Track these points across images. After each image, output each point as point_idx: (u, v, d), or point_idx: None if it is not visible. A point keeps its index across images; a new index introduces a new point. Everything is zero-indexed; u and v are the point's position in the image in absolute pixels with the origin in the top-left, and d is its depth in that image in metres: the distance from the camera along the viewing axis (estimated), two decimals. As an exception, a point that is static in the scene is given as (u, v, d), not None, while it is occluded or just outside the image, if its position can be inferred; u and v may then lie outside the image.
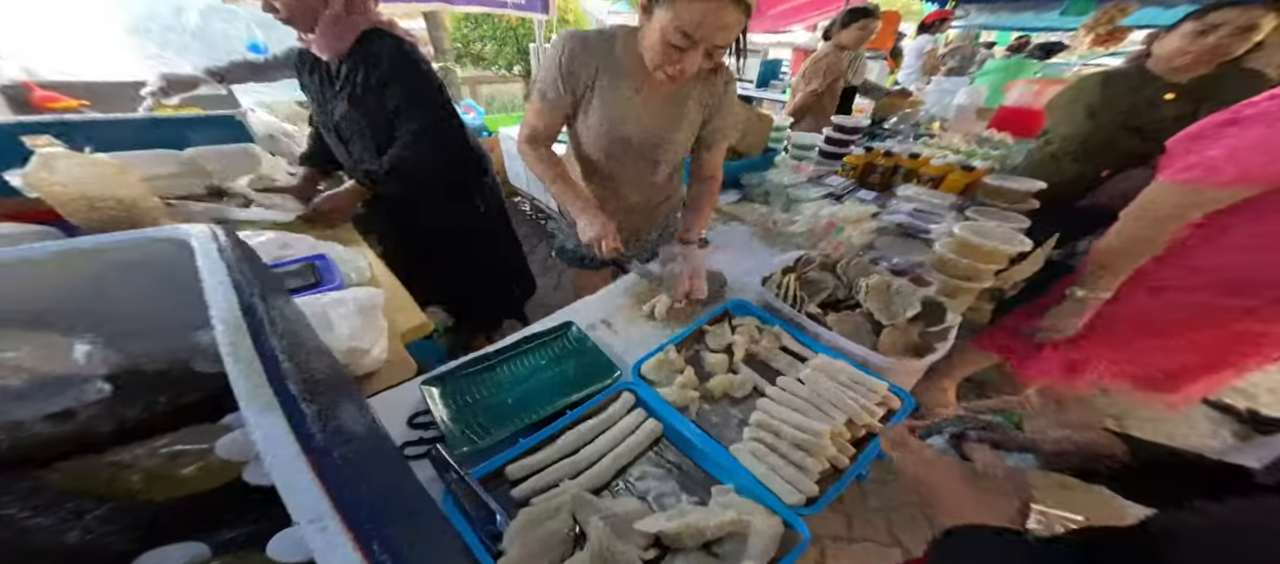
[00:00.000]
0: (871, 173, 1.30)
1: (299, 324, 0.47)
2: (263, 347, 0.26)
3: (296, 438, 0.21)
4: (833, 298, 0.78)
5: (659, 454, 0.58)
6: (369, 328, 0.67)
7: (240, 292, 0.29)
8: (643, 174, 0.90)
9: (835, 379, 0.62)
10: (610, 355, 0.72)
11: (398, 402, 0.65)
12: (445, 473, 0.50)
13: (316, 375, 0.33)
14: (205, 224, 0.38)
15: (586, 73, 0.77)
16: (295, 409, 0.23)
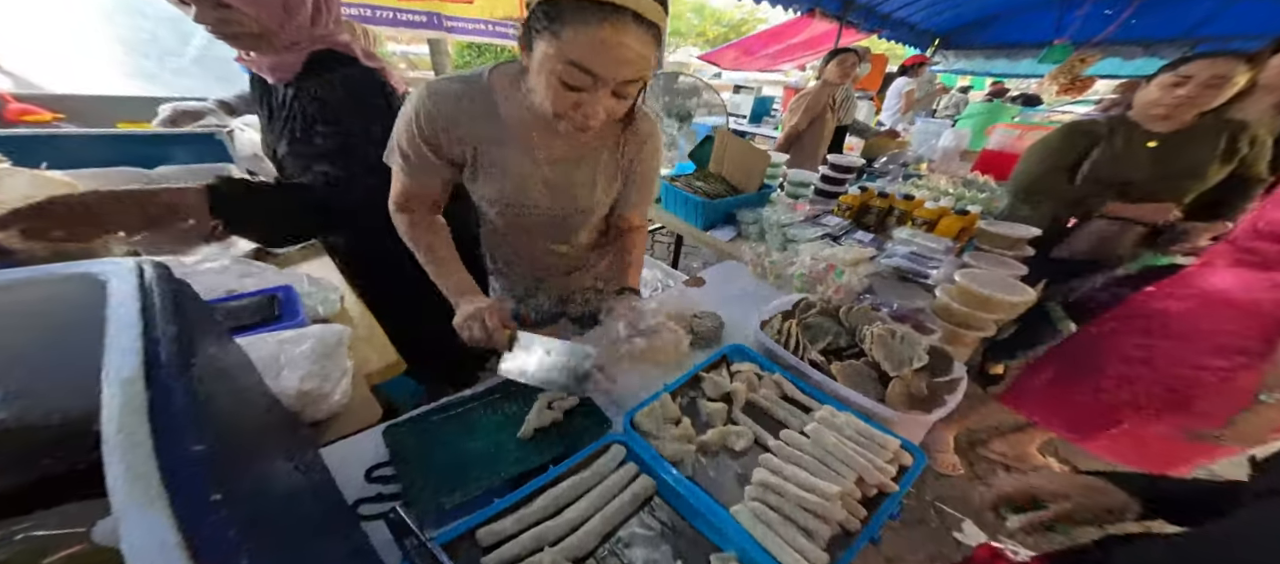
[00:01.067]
0: (867, 213, 1.33)
1: (237, 373, 0.42)
2: (161, 416, 0.21)
3: (183, 540, 0.17)
4: (835, 345, 0.76)
5: (651, 514, 0.54)
6: (330, 369, 0.62)
7: (151, 345, 0.25)
8: (558, 244, 0.83)
9: (842, 433, 0.59)
10: (602, 403, 0.69)
11: (358, 450, 0.60)
12: (404, 538, 0.44)
13: (243, 439, 0.29)
14: (134, 258, 0.34)
15: (458, 134, 0.64)
16: (193, 503, 0.19)
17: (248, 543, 0.19)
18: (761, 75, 6.52)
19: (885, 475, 0.53)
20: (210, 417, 0.25)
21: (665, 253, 2.84)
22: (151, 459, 0.19)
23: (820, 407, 0.65)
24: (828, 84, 1.99)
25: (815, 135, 2.04)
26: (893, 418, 0.63)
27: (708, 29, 12.44)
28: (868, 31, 5.41)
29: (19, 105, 1.40)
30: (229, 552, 0.18)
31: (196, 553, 0.17)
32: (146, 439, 0.20)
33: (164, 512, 0.17)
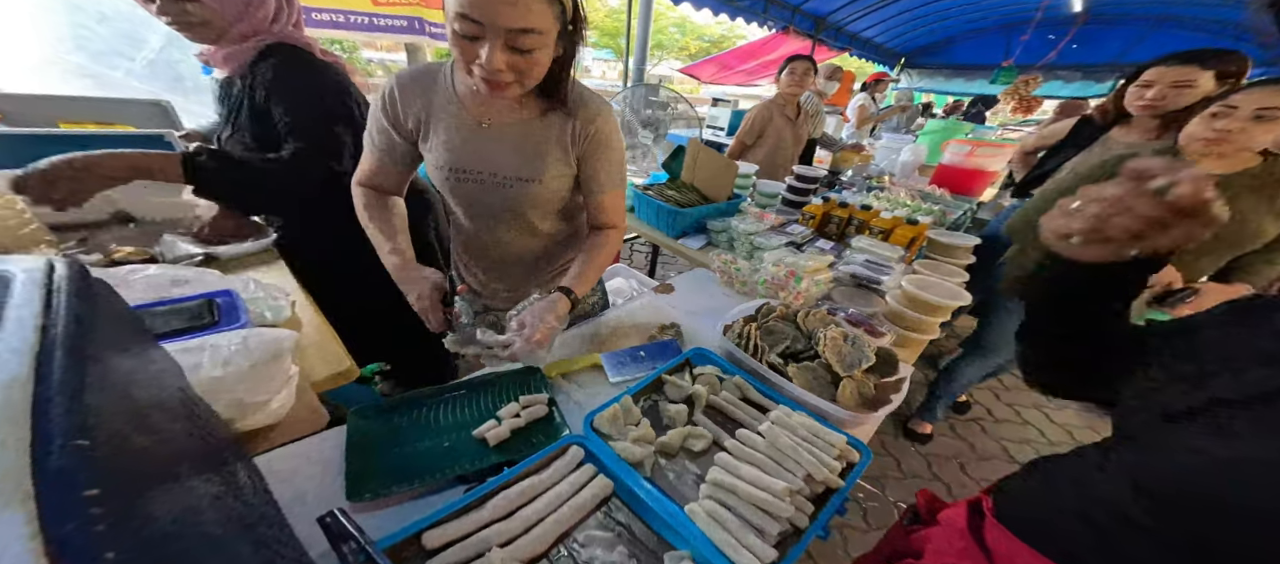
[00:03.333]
0: (828, 223, 1.42)
1: (153, 378, 0.41)
2: (46, 417, 0.21)
3: (46, 539, 0.16)
4: (793, 349, 0.81)
5: (608, 515, 0.56)
6: (269, 375, 0.61)
7: (46, 346, 0.25)
8: (513, 224, 0.83)
9: (794, 433, 0.63)
10: (564, 406, 0.71)
11: (300, 459, 0.59)
12: (342, 545, 0.43)
13: (146, 446, 0.28)
14: (46, 256, 0.33)
15: (413, 108, 0.72)
16: (65, 500, 0.18)
17: (121, 540, 0.18)
18: (739, 90, 6.80)
19: (832, 472, 0.58)
20: (106, 417, 0.24)
21: (644, 262, 2.89)
22: (25, 458, 0.19)
23: (776, 407, 0.69)
24: (780, 95, 2.07)
25: (774, 148, 2.10)
26: (844, 417, 0.67)
27: (689, 43, 12.91)
28: (839, 49, 5.79)
29: None
30: (88, 550, 0.17)
31: (54, 552, 0.16)
32: (25, 438, 0.19)
33: (23, 515, 0.17)
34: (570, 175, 0.78)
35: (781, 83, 2.02)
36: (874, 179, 2.22)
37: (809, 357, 0.79)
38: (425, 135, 0.74)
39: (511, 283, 0.93)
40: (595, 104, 0.73)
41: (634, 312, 1.02)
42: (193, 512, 0.28)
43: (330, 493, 0.55)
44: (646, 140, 2.12)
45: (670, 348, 0.89)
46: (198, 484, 0.33)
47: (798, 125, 2.15)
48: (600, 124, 0.74)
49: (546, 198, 0.79)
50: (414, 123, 0.74)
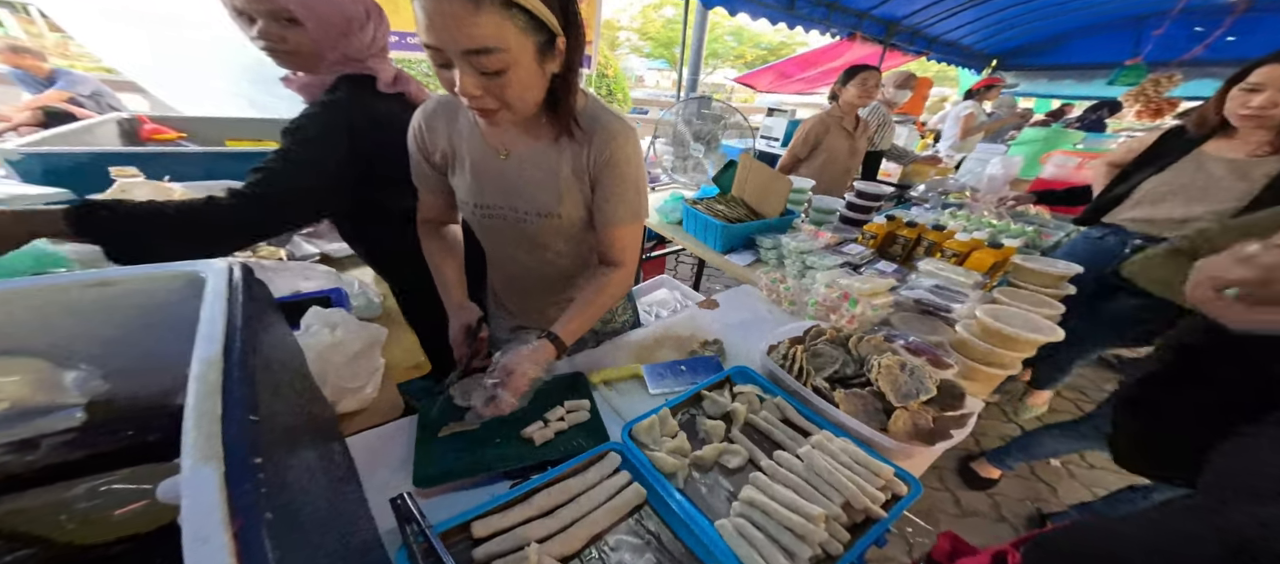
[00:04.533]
0: (892, 243, 1.35)
1: (289, 361, 0.50)
2: (231, 392, 0.26)
3: (228, 495, 0.21)
4: (841, 374, 0.79)
5: (639, 522, 0.59)
6: (363, 366, 0.73)
7: (230, 333, 0.31)
8: (536, 254, 0.81)
9: (835, 458, 0.62)
10: (604, 413, 0.75)
11: (378, 442, 0.69)
12: (406, 525, 0.50)
13: (285, 422, 0.34)
14: (227, 259, 0.43)
15: (439, 141, 0.73)
16: (240, 464, 0.22)
17: (273, 502, 0.23)
18: (797, 98, 6.65)
19: (874, 502, 0.56)
20: (265, 396, 0.30)
21: (689, 274, 2.91)
22: (217, 426, 0.24)
23: (818, 432, 0.68)
24: (841, 106, 1.98)
25: (830, 162, 2.01)
26: (893, 448, 0.65)
27: (745, 52, 12.85)
28: (913, 54, 5.44)
29: (152, 125, 1.74)
30: (255, 509, 0.21)
31: (233, 507, 0.20)
32: (217, 409, 0.25)
33: (217, 470, 0.21)
34: (586, 206, 0.75)
35: (846, 93, 1.94)
36: (954, 195, 2.05)
37: (859, 383, 0.77)
38: (453, 168, 0.75)
39: (541, 304, 0.92)
40: (611, 129, 0.68)
41: (676, 325, 1.05)
42: (310, 479, 0.35)
43: (398, 476, 0.62)
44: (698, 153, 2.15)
45: (711, 364, 0.91)
46: (313, 457, 0.40)
47: (856, 138, 2.05)
48: (614, 151, 0.68)
49: (566, 230, 0.77)
50: (441, 156, 0.75)
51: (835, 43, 4.84)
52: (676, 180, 2.31)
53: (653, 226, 1.82)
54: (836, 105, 2.00)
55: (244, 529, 0.20)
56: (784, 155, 2.08)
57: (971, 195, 2.04)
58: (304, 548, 0.25)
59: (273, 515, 0.22)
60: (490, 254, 0.89)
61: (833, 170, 2.02)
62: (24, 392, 0.37)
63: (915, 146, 3.58)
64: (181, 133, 1.75)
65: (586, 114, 0.69)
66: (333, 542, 0.34)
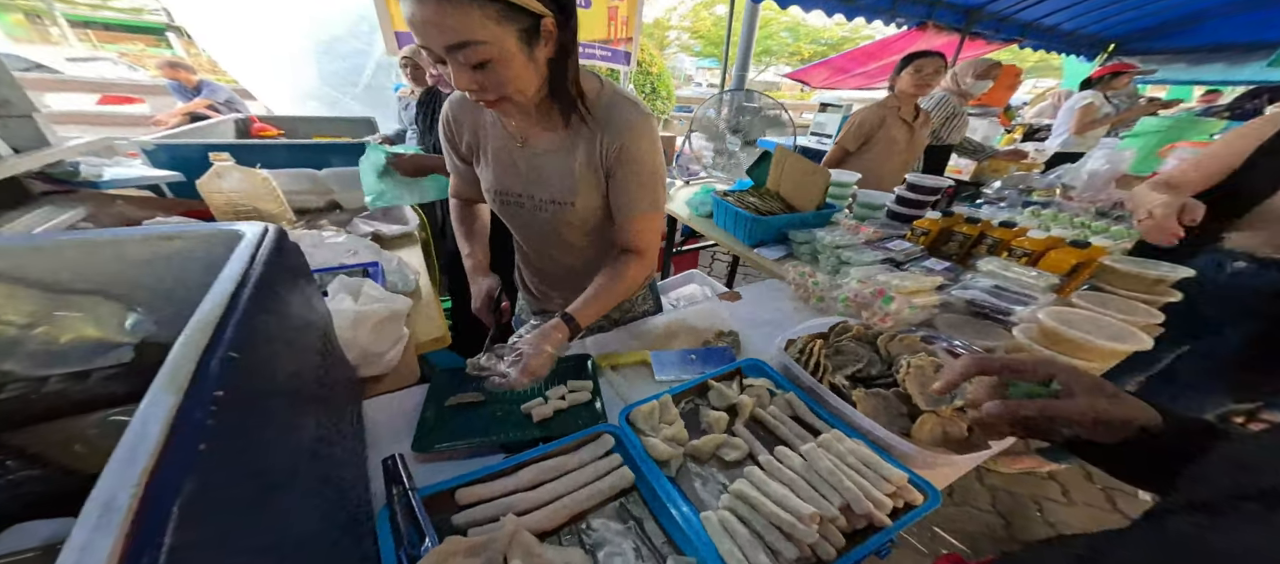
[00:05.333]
0: (947, 240, 1.21)
1: (314, 322, 0.55)
2: (221, 332, 0.28)
3: (173, 425, 0.21)
4: (865, 373, 0.72)
5: (623, 507, 0.58)
6: (387, 334, 0.79)
7: (241, 285, 0.34)
8: (555, 243, 0.84)
9: (841, 459, 0.56)
10: (608, 396, 0.75)
11: (393, 405, 0.73)
12: (393, 486, 0.52)
13: (289, 372, 0.36)
14: (265, 223, 0.48)
15: (464, 131, 0.77)
16: (200, 396, 0.23)
17: (219, 433, 0.23)
18: (854, 94, 6.27)
19: (879, 508, 0.50)
20: (259, 339, 0.32)
21: (723, 271, 2.83)
22: (193, 363, 0.25)
23: (830, 431, 0.62)
24: (897, 95, 1.82)
25: (884, 155, 1.86)
26: (912, 454, 0.57)
27: (802, 48, 12.31)
28: (1001, 43, 4.90)
29: (259, 124, 2.18)
30: (198, 434, 0.22)
31: (176, 426, 0.21)
32: (202, 344, 0.26)
33: (175, 396, 0.22)
34: (602, 196, 0.75)
35: (900, 82, 1.80)
36: (1039, 193, 1.81)
37: (884, 384, 0.69)
38: (477, 157, 0.80)
39: (564, 292, 0.95)
40: (626, 116, 0.68)
41: (690, 315, 1.03)
42: (298, 428, 0.37)
43: (403, 440, 0.65)
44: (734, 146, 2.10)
45: (723, 355, 0.87)
46: (315, 409, 0.43)
47: (916, 130, 1.89)
48: (629, 139, 0.68)
49: (581, 220, 0.77)
50: (467, 146, 0.79)
51: (903, 33, 4.49)
52: (714, 175, 2.27)
53: (682, 220, 1.80)
54: (893, 95, 1.86)
55: (165, 463, 0.20)
56: (832, 148, 1.96)
57: (1063, 193, 1.78)
58: (251, 486, 0.26)
59: (207, 447, 0.22)
60: (516, 240, 0.94)
61: (888, 164, 1.87)
62: (92, 329, 0.42)
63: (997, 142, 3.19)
64: (280, 130, 2.16)
65: (601, 102, 0.68)
66: (308, 488, 0.35)
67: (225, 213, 1.16)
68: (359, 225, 1.35)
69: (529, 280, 1.02)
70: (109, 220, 1.07)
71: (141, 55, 5.45)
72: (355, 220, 1.39)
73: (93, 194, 1.10)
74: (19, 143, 1.04)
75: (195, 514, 0.19)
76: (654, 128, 0.71)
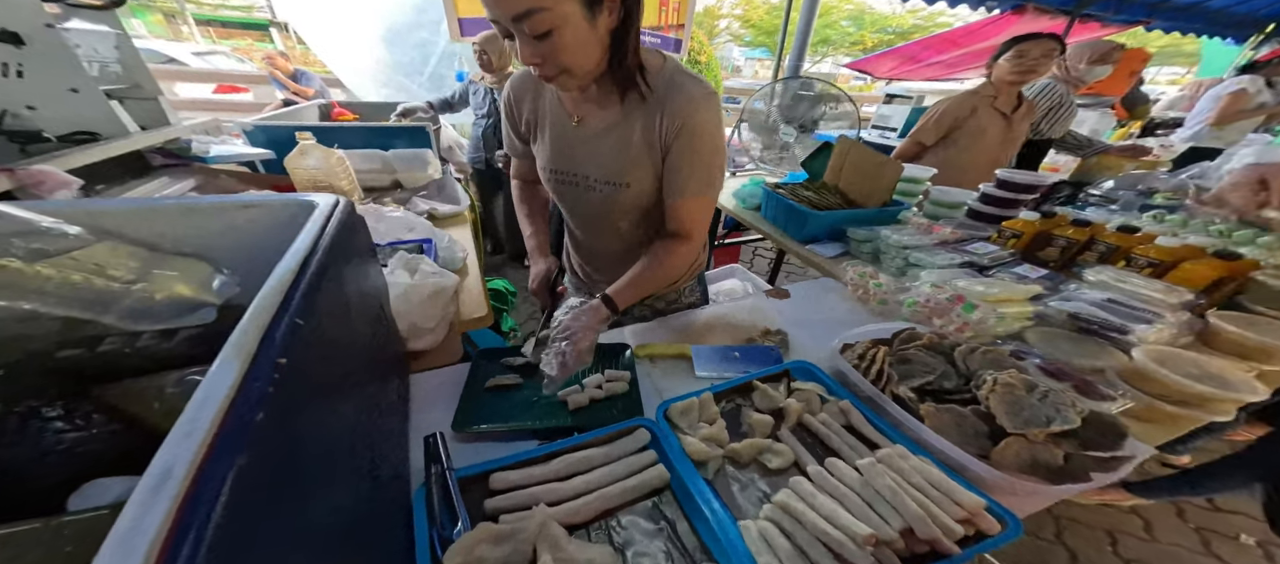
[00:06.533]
0: (1046, 244, 1.05)
1: (371, 294, 0.56)
2: (290, 299, 0.29)
3: (236, 395, 0.21)
4: (936, 385, 0.64)
5: (656, 506, 0.55)
6: (435, 309, 0.81)
7: (310, 254, 0.35)
8: (603, 227, 0.84)
9: (904, 477, 0.50)
10: (644, 389, 0.73)
11: (435, 382, 0.75)
12: (432, 465, 0.52)
13: (346, 343, 0.37)
14: (337, 196, 0.50)
15: (525, 110, 0.78)
16: (262, 371, 0.23)
17: (278, 402, 0.24)
18: (927, 85, 5.71)
19: (948, 534, 0.43)
20: (323, 307, 0.33)
21: (765, 268, 2.70)
22: (262, 328, 0.26)
23: (891, 446, 0.56)
24: (995, 83, 1.61)
25: (972, 148, 1.65)
26: (991, 479, 0.50)
27: (866, 37, 11.39)
28: (1121, 25, 4.21)
29: (339, 109, 2.42)
30: (257, 404, 0.22)
31: (237, 396, 0.22)
32: (272, 309, 0.27)
33: (240, 365, 0.23)
34: (656, 178, 0.73)
35: (998, 68, 1.59)
36: (1163, 194, 1.53)
37: (959, 399, 0.61)
38: (534, 136, 0.80)
39: (610, 275, 0.95)
40: (689, 93, 0.65)
41: (734, 311, 0.98)
42: (350, 399, 0.38)
43: (444, 418, 0.66)
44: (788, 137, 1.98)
45: (769, 355, 0.82)
46: (366, 381, 0.45)
47: (1014, 122, 1.66)
48: (690, 116, 0.65)
49: (633, 202, 0.76)
50: (526, 125, 0.80)
51: (994, 17, 4.01)
52: (762, 167, 2.16)
53: (727, 211, 1.73)
54: (989, 83, 1.64)
55: (223, 433, 0.20)
56: (905, 140, 1.78)
57: (1196, 196, 1.50)
58: (304, 457, 0.26)
59: (264, 417, 0.22)
60: (566, 220, 0.94)
61: (973, 159, 1.66)
62: (184, 287, 0.44)
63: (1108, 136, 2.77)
64: (357, 114, 2.39)
65: (663, 77, 0.66)
66: (353, 461, 0.36)
67: (306, 188, 1.28)
68: (417, 203, 1.44)
69: (576, 262, 1.02)
70: (213, 191, 1.22)
71: (249, 49, 6.27)
72: (414, 198, 1.48)
73: (201, 168, 1.25)
74: (145, 121, 1.20)
75: (249, 484, 0.20)
76: (718, 106, 0.68)
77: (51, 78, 0.96)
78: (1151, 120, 3.79)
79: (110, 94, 1.07)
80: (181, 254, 0.49)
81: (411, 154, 1.63)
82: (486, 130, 2.35)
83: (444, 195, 1.56)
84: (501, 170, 2.49)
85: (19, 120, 0.93)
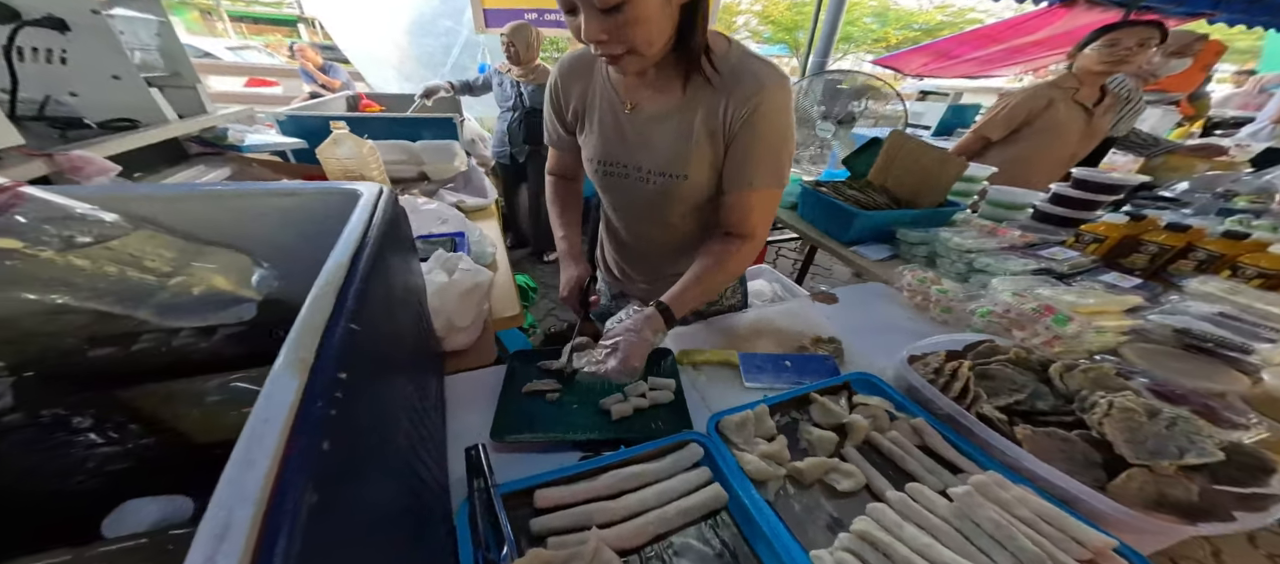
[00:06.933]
0: (1133, 250, 0.96)
1: (413, 289, 0.53)
2: (344, 297, 0.26)
3: (296, 418, 0.19)
4: (1026, 405, 0.58)
5: (713, 529, 0.50)
6: (471, 308, 0.77)
7: (359, 247, 0.32)
8: (654, 221, 0.78)
9: (1008, 509, 0.44)
10: (688, 397, 0.68)
11: (469, 385, 0.71)
12: (474, 478, 0.48)
13: (390, 343, 0.34)
14: (379, 185, 0.47)
15: (572, 98, 0.73)
16: (323, 387, 0.21)
17: (340, 422, 0.21)
18: (959, 82, 5.45)
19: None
20: (373, 306, 0.30)
21: (789, 269, 2.61)
22: (321, 322, 0.23)
23: (979, 471, 0.50)
24: (1078, 74, 1.45)
25: (1046, 145, 1.50)
26: (1111, 514, 0.43)
27: (889, 34, 10.97)
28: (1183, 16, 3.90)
29: (366, 101, 2.50)
30: (320, 426, 0.19)
31: (298, 422, 0.19)
32: (328, 308, 0.24)
33: (299, 379, 0.20)
34: (715, 170, 0.68)
35: (1084, 58, 1.43)
36: (1245, 198, 1.40)
37: (1059, 422, 0.54)
38: (581, 125, 0.75)
39: (647, 274, 0.91)
40: (760, 77, 0.60)
41: (777, 316, 0.91)
42: (395, 410, 0.34)
43: (478, 424, 0.61)
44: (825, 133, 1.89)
45: (825, 365, 0.76)
46: (407, 387, 0.41)
47: (1095, 117, 1.49)
48: (760, 102, 0.60)
49: (690, 195, 0.71)
50: (573, 114, 0.75)
51: (1037, 11, 3.78)
52: (796, 164, 2.08)
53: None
54: (1070, 74, 1.48)
55: (289, 466, 0.17)
56: (967, 135, 1.64)
57: (1283, 201, 1.36)
58: (364, 486, 0.23)
59: (331, 445, 0.19)
60: (608, 215, 0.88)
61: (1047, 157, 1.51)
62: (222, 281, 0.42)
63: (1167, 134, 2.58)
64: (381, 105, 2.47)
65: (729, 60, 0.61)
66: (404, 482, 0.32)
67: (338, 177, 1.27)
68: (445, 195, 1.42)
69: (610, 258, 0.96)
70: (247, 180, 1.22)
71: (278, 44, 6.46)
72: (441, 190, 1.47)
73: (235, 156, 1.25)
74: (183, 109, 1.20)
75: (319, 526, 0.17)
76: (790, 92, 0.63)
77: (95, 64, 0.96)
78: (1210, 119, 3.54)
79: (150, 81, 1.07)
80: (219, 245, 0.46)
81: (439, 145, 1.61)
82: (512, 123, 2.32)
83: (471, 188, 1.54)
84: (524, 165, 2.47)
85: (62, 107, 0.94)
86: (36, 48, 0.89)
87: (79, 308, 0.30)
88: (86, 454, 0.28)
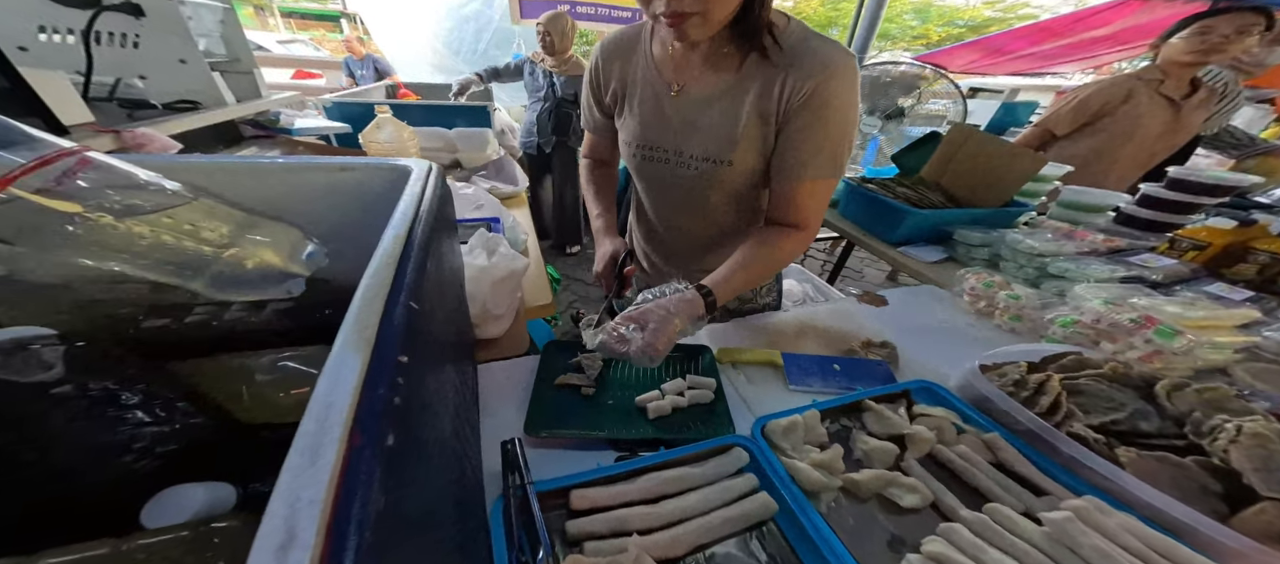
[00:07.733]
0: (1240, 259, 0.84)
1: (455, 272, 0.52)
2: (401, 276, 0.25)
3: (361, 391, 0.17)
4: (1126, 425, 0.51)
5: (759, 541, 0.47)
6: (505, 295, 0.76)
7: (412, 223, 0.31)
8: (692, 210, 0.75)
9: (1113, 538, 0.39)
10: (730, 398, 0.64)
11: (501, 375, 0.68)
12: (510, 473, 0.46)
13: (439, 329, 0.33)
14: (429, 162, 0.46)
15: (612, 78, 0.71)
16: (385, 372, 0.19)
17: (398, 407, 0.19)
18: (1012, 80, 5.05)
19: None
20: (429, 287, 0.29)
21: (818, 269, 2.51)
22: (381, 301, 0.22)
23: (1068, 494, 0.44)
24: (1165, 65, 1.30)
25: (1125, 141, 1.35)
26: (1238, 549, 0.37)
27: (930, 32, 10.35)
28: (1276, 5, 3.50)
29: (403, 90, 2.66)
30: (383, 416, 0.18)
31: (363, 407, 0.17)
32: (387, 284, 0.23)
33: (362, 357, 0.19)
34: (764, 157, 0.64)
35: (1170, 49, 1.29)
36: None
37: (1165, 444, 0.48)
38: (620, 108, 0.73)
39: (678, 266, 0.88)
40: (824, 56, 0.55)
41: (821, 316, 0.86)
42: (441, 401, 0.32)
43: (511, 417, 0.59)
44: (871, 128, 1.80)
45: (878, 371, 0.71)
46: (452, 376, 0.39)
47: (1184, 112, 1.34)
48: (822, 85, 0.55)
49: (734, 183, 0.68)
50: (612, 95, 0.73)
51: (1110, 3, 3.44)
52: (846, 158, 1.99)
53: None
54: (1155, 66, 1.34)
55: (353, 462, 0.15)
56: (1027, 129, 1.52)
57: None
58: (416, 483, 0.21)
59: (396, 437, 0.18)
60: (643, 203, 0.85)
61: (1123, 154, 1.37)
62: (274, 255, 0.40)
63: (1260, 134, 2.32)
64: (417, 94, 2.63)
65: (790, 37, 0.57)
66: (449, 476, 0.31)
67: (378, 160, 1.31)
68: (478, 182, 1.44)
69: (640, 247, 0.93)
70: (296, 161, 1.27)
71: (323, 38, 6.77)
72: (474, 177, 1.49)
73: (286, 139, 1.30)
74: (240, 93, 1.25)
75: (383, 531, 0.15)
76: (857, 74, 0.57)
77: (164, 49, 1.01)
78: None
79: (212, 66, 1.11)
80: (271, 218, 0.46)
81: (473, 133, 1.63)
82: (541, 114, 2.31)
83: (503, 176, 1.55)
84: (551, 156, 2.47)
85: (131, 89, 0.98)
86: (113, 32, 0.94)
87: (137, 276, 0.30)
88: (134, 432, 0.27)
